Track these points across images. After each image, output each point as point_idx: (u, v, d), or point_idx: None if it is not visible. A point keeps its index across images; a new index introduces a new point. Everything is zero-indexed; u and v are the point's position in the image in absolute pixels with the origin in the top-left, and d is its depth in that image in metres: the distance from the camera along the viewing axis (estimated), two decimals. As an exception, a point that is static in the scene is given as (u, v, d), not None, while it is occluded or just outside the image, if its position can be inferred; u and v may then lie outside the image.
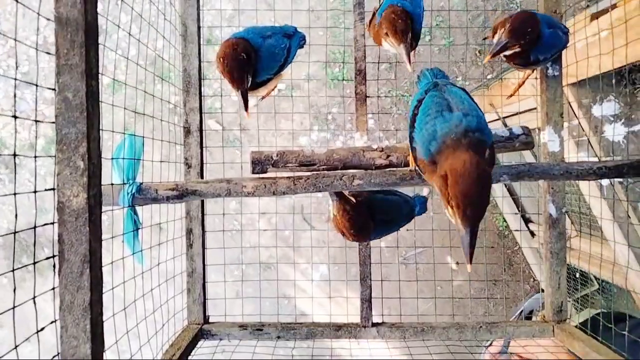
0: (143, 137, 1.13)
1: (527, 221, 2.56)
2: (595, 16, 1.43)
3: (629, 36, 1.23)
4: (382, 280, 1.56)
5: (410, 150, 1.01)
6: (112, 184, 0.98)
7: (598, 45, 1.33)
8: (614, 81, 1.36)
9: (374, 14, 1.24)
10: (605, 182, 1.55)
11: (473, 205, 0.69)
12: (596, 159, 1.51)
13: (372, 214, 1.10)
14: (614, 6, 1.34)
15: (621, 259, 1.58)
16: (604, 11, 1.39)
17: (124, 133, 1.10)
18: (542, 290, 2.31)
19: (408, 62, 1.10)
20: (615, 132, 1.45)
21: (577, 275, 2.28)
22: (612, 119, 1.49)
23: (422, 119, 0.83)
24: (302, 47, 1.29)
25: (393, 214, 1.16)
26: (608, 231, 1.61)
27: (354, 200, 1.08)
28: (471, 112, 0.80)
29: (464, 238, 0.71)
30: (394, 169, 1.05)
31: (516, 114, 1.69)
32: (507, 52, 1.12)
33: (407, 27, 1.09)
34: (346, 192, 1.10)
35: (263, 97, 1.41)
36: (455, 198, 0.70)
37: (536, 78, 1.37)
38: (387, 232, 1.18)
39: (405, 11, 1.10)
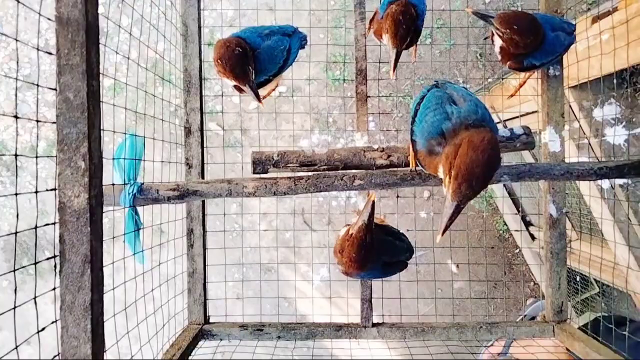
0: (144, 137, 1.13)
1: (527, 224, 2.56)
2: (596, 19, 1.43)
3: (630, 39, 1.23)
4: (382, 281, 1.56)
5: (410, 146, 1.01)
6: (113, 184, 0.99)
7: (599, 47, 1.33)
8: (615, 84, 1.36)
9: (376, 12, 1.23)
10: (606, 184, 1.54)
11: (470, 183, 0.68)
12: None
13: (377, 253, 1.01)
14: (615, 9, 1.34)
15: (622, 262, 1.58)
16: (605, 14, 1.39)
17: (125, 133, 1.10)
18: (544, 297, 2.31)
19: (393, 68, 1.11)
20: (616, 134, 1.45)
21: (578, 278, 2.28)
22: (613, 121, 1.49)
23: (422, 112, 0.84)
24: (303, 47, 1.28)
25: (395, 257, 1.09)
26: (609, 234, 1.60)
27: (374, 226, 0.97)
28: (480, 104, 0.80)
29: (447, 208, 0.70)
30: (395, 169, 1.05)
31: (517, 117, 1.69)
32: (497, 38, 1.13)
33: (407, 34, 1.09)
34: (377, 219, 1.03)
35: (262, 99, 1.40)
36: (458, 168, 0.68)
37: (537, 79, 1.37)
38: (383, 275, 1.09)
39: (412, 17, 1.09)
